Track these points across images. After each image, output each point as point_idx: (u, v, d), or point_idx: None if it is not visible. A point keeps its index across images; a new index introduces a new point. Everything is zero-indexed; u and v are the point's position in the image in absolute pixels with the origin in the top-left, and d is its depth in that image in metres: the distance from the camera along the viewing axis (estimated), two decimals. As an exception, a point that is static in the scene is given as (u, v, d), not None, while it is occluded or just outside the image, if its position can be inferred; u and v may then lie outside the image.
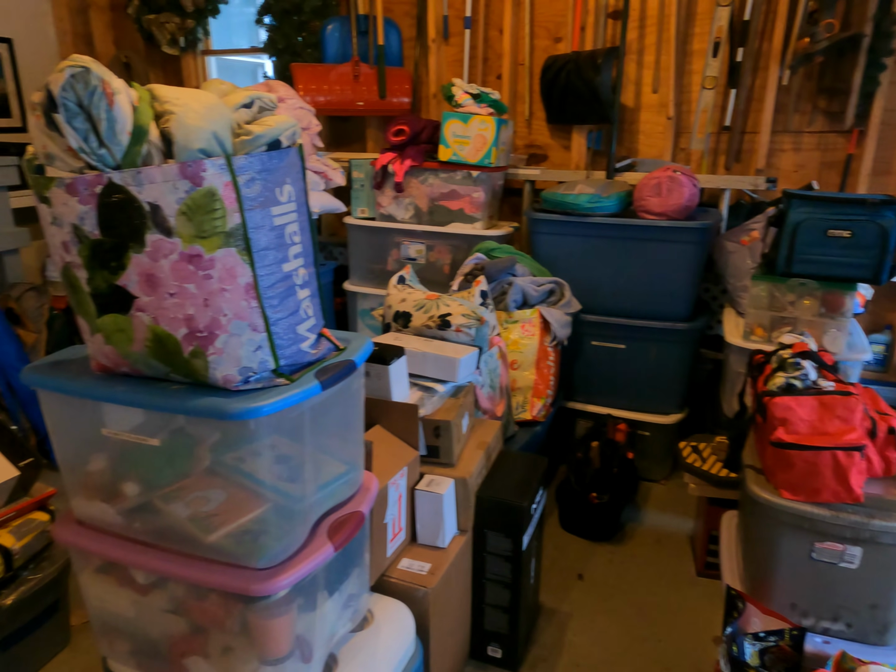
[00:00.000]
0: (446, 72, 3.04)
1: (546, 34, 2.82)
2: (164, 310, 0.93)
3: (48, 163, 0.87)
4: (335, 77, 2.96)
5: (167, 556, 1.05)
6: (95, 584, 1.16)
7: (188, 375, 0.98)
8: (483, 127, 2.42)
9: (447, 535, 1.52)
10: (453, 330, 1.77)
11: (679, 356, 2.37)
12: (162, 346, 0.95)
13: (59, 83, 0.78)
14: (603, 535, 2.18)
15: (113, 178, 0.86)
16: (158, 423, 1.04)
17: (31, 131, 0.87)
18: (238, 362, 0.96)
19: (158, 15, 3.37)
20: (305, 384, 0.98)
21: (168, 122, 0.88)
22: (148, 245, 0.90)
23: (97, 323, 0.97)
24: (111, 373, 1.05)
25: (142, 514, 1.08)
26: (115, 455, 1.09)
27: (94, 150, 0.83)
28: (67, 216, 0.89)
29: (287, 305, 1.00)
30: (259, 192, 0.94)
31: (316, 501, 1.11)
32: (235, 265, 0.93)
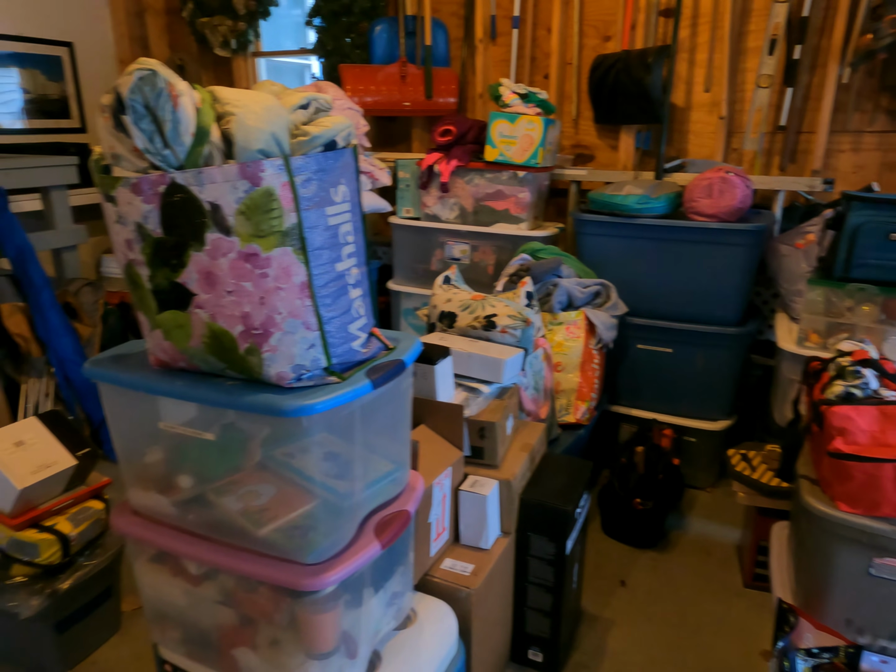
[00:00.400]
0: (493, 72, 3.03)
1: (595, 33, 2.79)
2: (221, 307, 0.95)
3: (115, 163, 0.90)
4: (382, 78, 2.98)
5: (219, 548, 1.07)
6: (149, 572, 1.19)
7: (243, 372, 1.00)
8: (530, 127, 2.40)
9: (490, 536, 1.51)
10: (498, 331, 1.77)
11: (728, 361, 2.31)
12: (218, 343, 0.97)
13: (128, 86, 0.80)
14: (646, 541, 2.14)
15: (175, 178, 0.88)
16: (211, 417, 1.06)
17: (100, 132, 0.90)
18: (291, 360, 0.98)
19: (211, 18, 3.44)
20: (356, 383, 0.99)
21: (229, 123, 0.90)
22: (207, 243, 0.92)
23: (157, 319, 1.00)
24: (169, 368, 1.07)
25: (195, 506, 1.10)
26: (171, 448, 1.12)
27: (159, 150, 0.86)
28: (132, 215, 0.92)
29: (340, 304, 1.01)
30: (315, 192, 0.95)
31: (363, 499, 1.11)
32: (291, 264, 0.94)
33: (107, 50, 3.90)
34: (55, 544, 1.52)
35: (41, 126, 3.65)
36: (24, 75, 3.53)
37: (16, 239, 2.49)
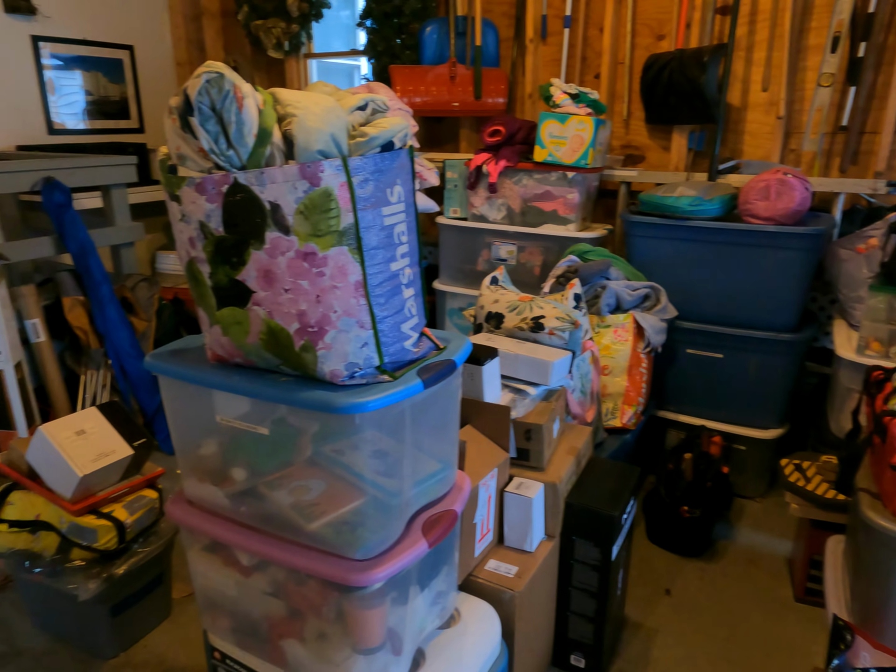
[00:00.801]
0: (543, 72, 3.01)
1: (648, 32, 2.75)
2: (278, 305, 0.97)
3: (180, 163, 0.92)
4: (432, 78, 2.99)
5: (270, 540, 1.09)
6: (202, 561, 1.22)
7: (297, 368, 1.01)
8: (581, 127, 2.38)
9: (535, 539, 1.50)
10: (546, 333, 1.75)
11: (782, 368, 2.24)
12: (275, 340, 0.99)
13: (196, 88, 0.83)
14: (692, 550, 2.10)
15: (238, 178, 0.91)
16: (263, 412, 1.08)
17: (166, 133, 0.92)
18: (345, 358, 0.99)
19: (266, 20, 3.51)
20: (408, 382, 1.00)
21: (290, 124, 0.92)
22: (267, 242, 0.94)
23: (216, 315, 1.02)
24: (225, 363, 1.10)
25: (248, 498, 1.13)
26: (226, 441, 1.14)
27: (223, 151, 0.88)
28: (195, 213, 0.94)
29: (393, 304, 1.02)
30: (371, 192, 0.96)
31: (412, 497, 1.12)
32: (347, 263, 0.96)
33: (165, 53, 4.01)
34: (112, 531, 1.58)
35: (101, 126, 3.78)
36: (87, 77, 3.66)
37: (78, 235, 2.59)
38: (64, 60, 3.54)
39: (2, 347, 2.37)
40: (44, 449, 1.56)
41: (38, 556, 1.61)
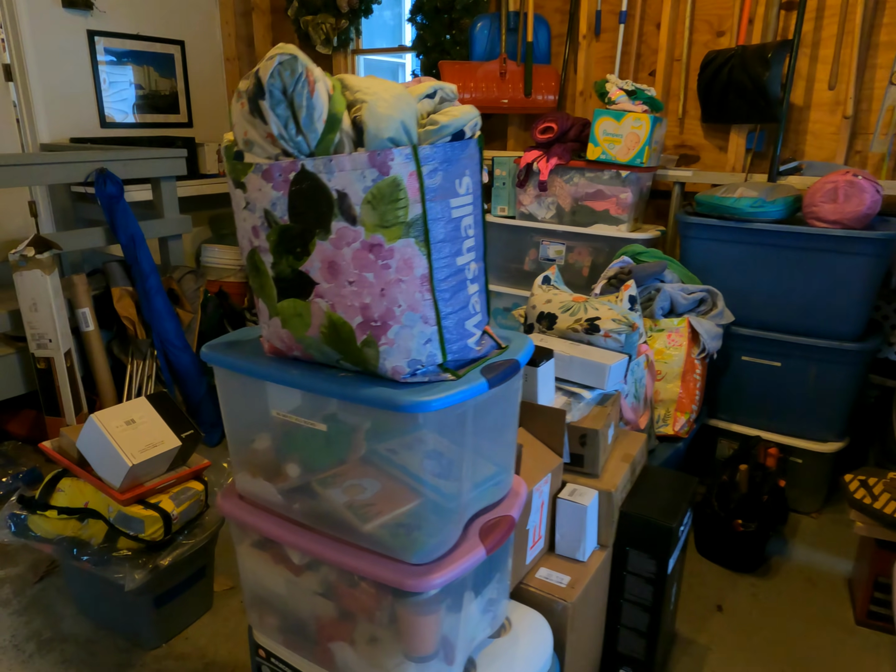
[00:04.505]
0: (595, 69, 2.95)
1: (707, 28, 2.66)
2: (341, 297, 0.94)
3: (247, 149, 0.90)
4: (482, 74, 2.95)
5: (323, 539, 1.07)
6: (251, 557, 1.20)
7: (358, 364, 0.98)
8: (637, 125, 2.31)
9: (587, 548, 1.45)
10: (601, 335, 1.70)
11: (843, 379, 2.14)
12: (336, 333, 0.96)
13: (269, 70, 0.80)
14: (745, 565, 2.01)
15: (306, 165, 0.88)
16: (316, 407, 1.06)
17: (234, 118, 0.90)
18: (408, 354, 0.95)
19: (315, 16, 3.52)
20: (472, 381, 0.96)
21: (360, 110, 0.88)
22: (333, 232, 0.91)
23: (277, 306, 1.00)
24: (283, 356, 1.07)
25: (301, 495, 1.10)
26: (279, 436, 1.12)
27: (292, 136, 0.85)
28: (260, 201, 0.92)
29: (458, 300, 0.98)
30: (441, 182, 0.92)
31: (469, 501, 1.08)
32: (413, 256, 0.92)
33: (215, 48, 4.05)
34: (158, 521, 1.57)
35: (151, 121, 3.83)
36: (138, 72, 3.72)
37: (129, 226, 2.62)
38: (117, 55, 3.59)
39: (53, 335, 2.40)
40: (94, 437, 1.57)
41: (85, 544, 1.61)
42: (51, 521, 1.64)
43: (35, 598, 1.87)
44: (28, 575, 1.95)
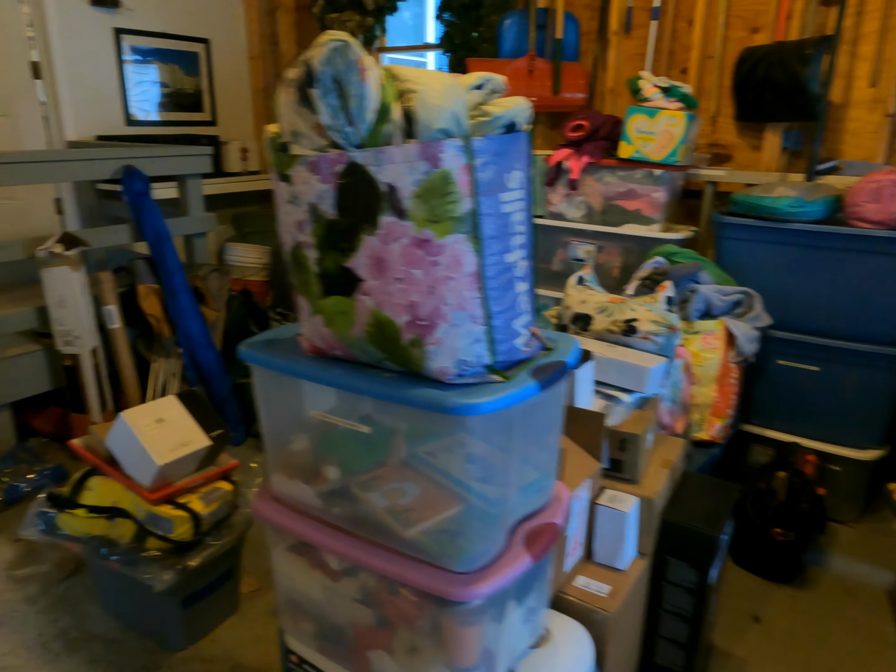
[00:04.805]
0: (625, 66, 2.90)
1: (742, 24, 2.60)
2: (388, 295, 0.90)
3: (294, 140, 0.87)
4: (510, 72, 2.91)
5: (364, 545, 1.03)
6: (287, 561, 1.17)
7: (403, 364, 0.95)
8: (671, 123, 2.26)
9: (626, 556, 1.41)
10: (639, 337, 1.65)
11: (885, 384, 2.08)
12: (381, 332, 0.93)
13: (320, 57, 0.77)
14: (783, 575, 1.96)
15: (355, 157, 0.85)
16: (352, 408, 1.03)
17: (280, 109, 0.87)
18: (455, 354, 0.92)
19: (341, 14, 3.49)
20: (522, 383, 0.92)
21: (411, 100, 0.85)
22: (381, 227, 0.87)
23: (320, 304, 0.97)
24: (323, 355, 1.04)
25: (340, 499, 1.07)
26: (317, 437, 1.09)
27: (342, 127, 0.82)
28: (306, 195, 0.89)
29: (507, 298, 0.95)
30: (492, 176, 0.89)
31: (513, 507, 1.04)
32: (463, 253, 0.88)
33: (239, 47, 4.05)
34: (188, 522, 1.55)
35: (176, 118, 3.83)
36: (164, 70, 3.72)
37: (155, 224, 2.61)
38: (143, 53, 3.60)
39: (80, 332, 2.39)
40: (124, 436, 1.55)
41: (114, 543, 1.59)
42: (79, 520, 1.62)
43: (62, 596, 1.86)
44: (55, 573, 1.94)
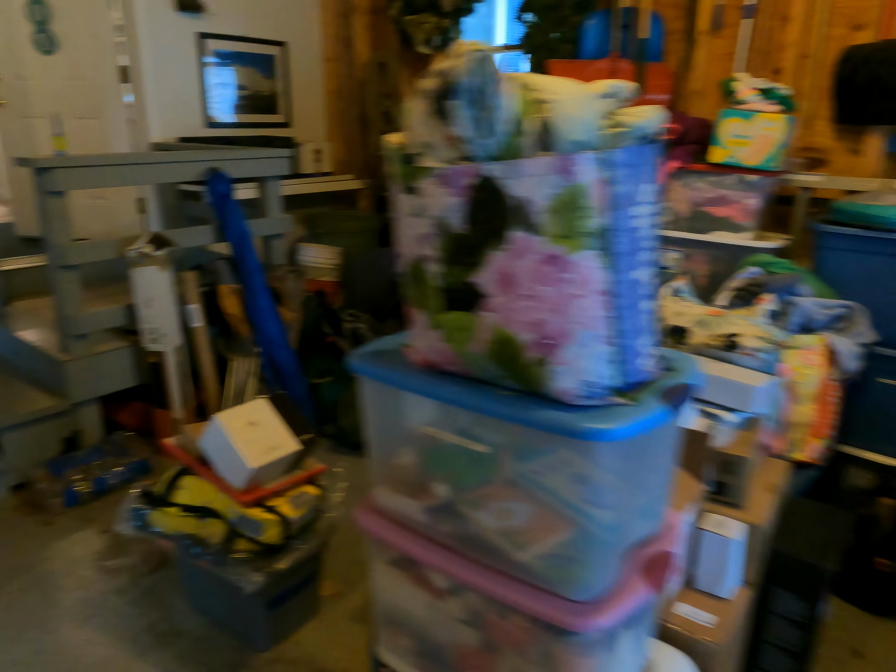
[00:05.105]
0: (713, 66, 2.79)
1: (843, 22, 2.47)
2: (513, 312, 0.87)
3: (423, 152, 0.85)
4: (591, 73, 2.84)
5: (473, 565, 1.01)
6: (388, 576, 1.16)
7: (523, 383, 0.92)
8: (770, 126, 2.16)
9: (730, 584, 1.34)
10: (742, 352, 1.58)
11: None
12: (503, 350, 0.90)
13: (464, 68, 0.74)
14: (886, 608, 1.84)
15: (488, 170, 0.82)
16: (446, 422, 1.00)
17: (409, 119, 0.85)
18: (580, 375, 0.88)
19: (417, 16, 3.49)
20: (652, 407, 0.88)
21: (546, 111, 0.82)
22: (510, 242, 0.84)
23: (439, 319, 0.94)
24: (434, 369, 1.02)
25: (447, 516, 1.05)
26: (424, 452, 1.07)
27: (480, 139, 0.79)
28: (434, 208, 0.87)
29: (635, 317, 0.90)
30: (625, 190, 0.85)
31: (629, 533, 1.00)
32: (593, 269, 0.85)
33: (314, 49, 4.10)
34: (278, 525, 1.56)
35: (252, 121, 3.90)
36: (242, 73, 3.79)
37: (237, 225, 2.66)
38: (223, 56, 3.68)
39: (166, 330, 2.46)
40: (217, 438, 1.57)
41: (204, 542, 1.62)
42: (172, 518, 1.65)
43: (148, 589, 1.90)
44: (142, 565, 1.99)
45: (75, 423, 2.46)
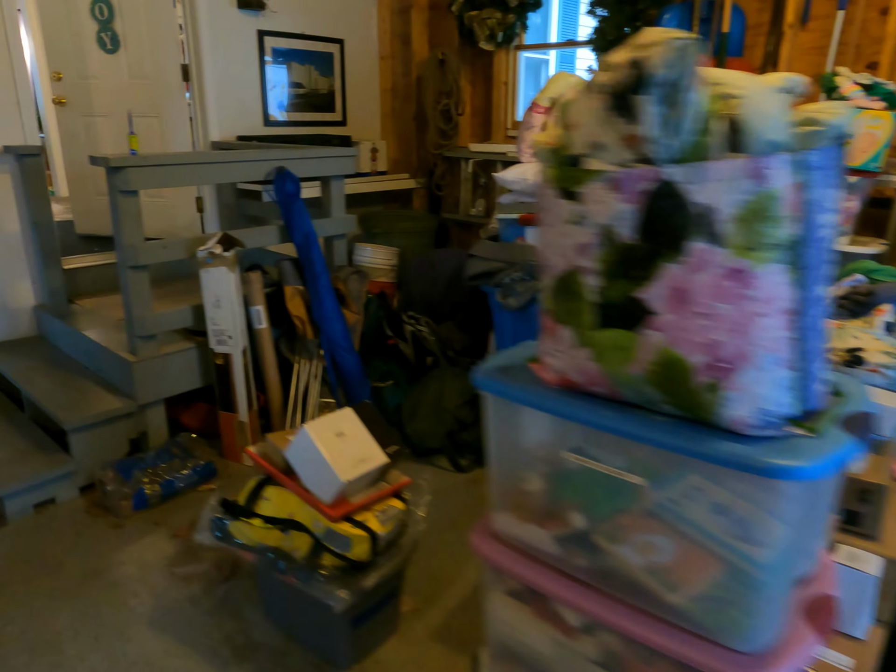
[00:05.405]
0: (799, 61, 2.65)
1: (948, 12, 2.31)
2: (684, 331, 0.79)
3: (591, 154, 0.77)
4: (669, 69, 2.73)
5: (614, 603, 0.92)
6: (507, 607, 1.08)
7: (687, 409, 0.83)
8: (875, 124, 2.03)
9: (864, 622, 1.23)
10: (867, 369, 1.46)
11: None
12: (668, 373, 0.81)
13: (661, 59, 0.66)
14: None
15: (668, 174, 0.73)
16: (557, 443, 0.92)
17: (577, 118, 0.77)
18: (756, 402, 0.79)
19: (481, 11, 3.41)
20: (839, 439, 0.78)
21: (735, 108, 0.73)
22: (688, 255, 0.76)
23: (591, 336, 0.86)
24: (572, 389, 0.94)
25: (582, 548, 0.97)
26: (554, 477, 0.99)
27: (664, 139, 0.71)
28: (600, 215, 0.78)
29: (815, 337, 0.81)
30: (816, 197, 0.75)
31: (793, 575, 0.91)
32: (780, 285, 0.76)
33: (370, 46, 4.04)
34: (366, 541, 1.49)
35: (309, 119, 3.87)
36: (300, 71, 3.76)
37: (304, 225, 2.61)
38: (282, 54, 3.64)
39: (233, 332, 2.42)
40: (306, 449, 1.51)
41: (288, 556, 1.56)
42: (254, 529, 1.60)
43: (223, 599, 1.86)
44: (214, 573, 1.95)
45: (142, 424, 2.44)
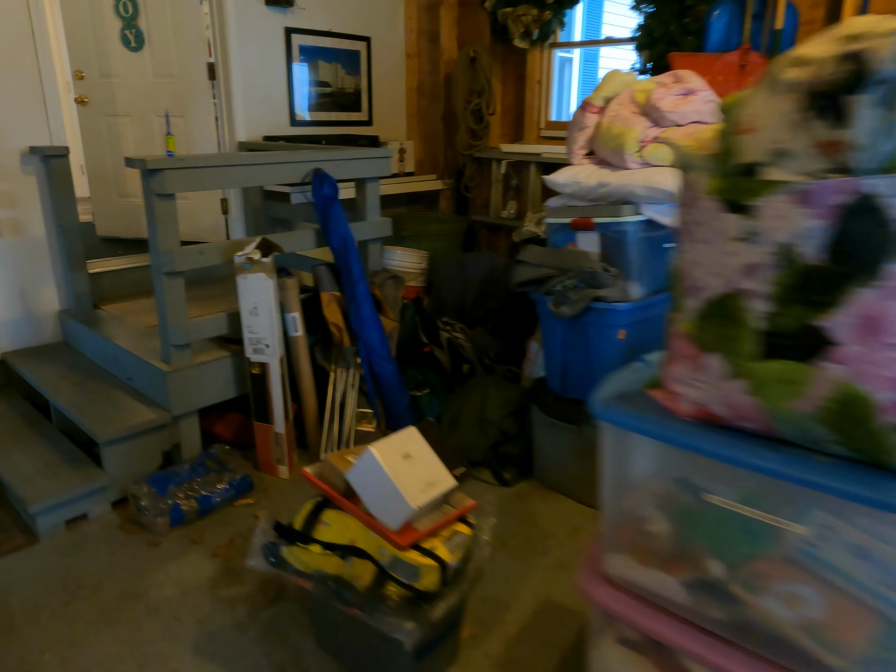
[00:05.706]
0: (857, 59, 2.55)
1: None
2: (873, 365, 0.69)
3: (772, 162, 0.67)
4: (719, 67, 2.63)
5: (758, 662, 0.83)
6: (618, 656, 0.98)
7: (863, 451, 0.73)
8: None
9: None
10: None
11: None
12: (846, 410, 0.72)
13: (891, 52, 0.56)
14: None
15: (871, 186, 0.63)
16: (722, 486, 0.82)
17: (754, 120, 0.67)
18: (950, 445, 0.69)
19: (516, 8, 3.31)
20: None
21: (946, 109, 0.63)
22: (885, 278, 0.66)
23: (751, 367, 0.76)
24: (711, 423, 0.84)
25: (716, 597, 0.87)
26: (682, 516, 0.89)
27: (873, 147, 0.61)
28: (779, 232, 0.69)
29: None
30: None
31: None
32: None
33: (397, 44, 3.95)
34: (436, 571, 1.40)
35: (335, 118, 3.77)
36: (327, 69, 3.66)
37: (341, 230, 2.51)
38: (309, 53, 3.55)
39: (270, 340, 2.33)
40: (372, 472, 1.41)
41: (349, 585, 1.47)
42: (312, 556, 1.51)
43: (270, 624, 1.76)
44: (258, 596, 1.86)
45: (175, 435, 2.34)
